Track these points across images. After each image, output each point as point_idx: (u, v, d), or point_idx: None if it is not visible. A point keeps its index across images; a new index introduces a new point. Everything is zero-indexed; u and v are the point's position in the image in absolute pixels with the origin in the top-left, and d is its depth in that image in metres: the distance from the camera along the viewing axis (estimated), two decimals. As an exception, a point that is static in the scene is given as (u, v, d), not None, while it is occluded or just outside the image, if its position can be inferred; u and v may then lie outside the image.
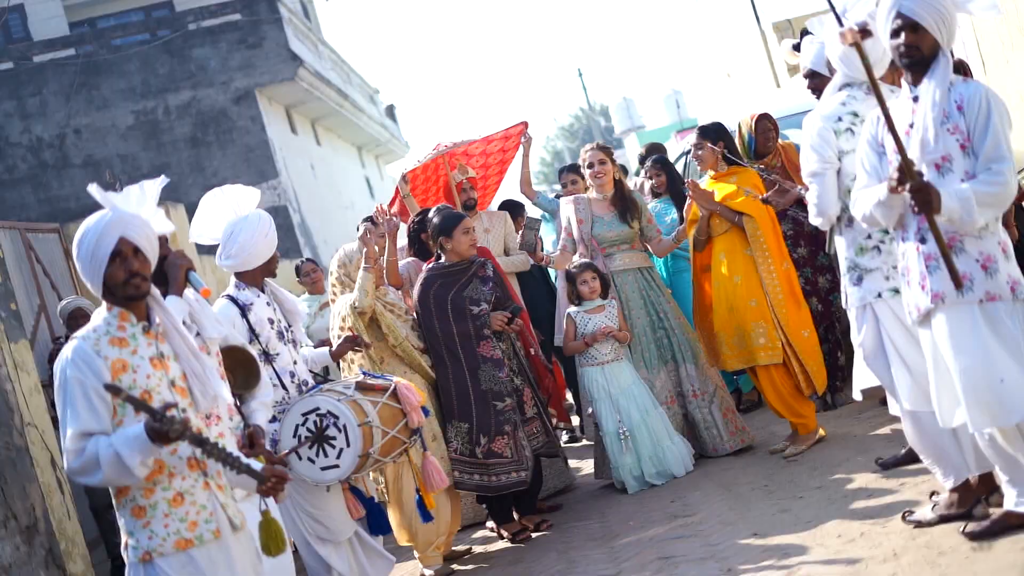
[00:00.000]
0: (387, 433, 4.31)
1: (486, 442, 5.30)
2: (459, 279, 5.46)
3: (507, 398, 5.35)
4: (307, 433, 4.21)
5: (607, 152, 6.09)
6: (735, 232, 5.61)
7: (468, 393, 5.34)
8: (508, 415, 5.34)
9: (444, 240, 5.45)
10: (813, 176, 4.05)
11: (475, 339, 5.38)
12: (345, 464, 4.18)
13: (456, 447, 5.32)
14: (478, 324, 5.38)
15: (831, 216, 4.11)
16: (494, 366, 5.36)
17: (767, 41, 15.96)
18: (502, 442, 5.32)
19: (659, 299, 6.02)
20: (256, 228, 4.46)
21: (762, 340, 5.53)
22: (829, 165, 4.04)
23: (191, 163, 15.89)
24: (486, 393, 5.33)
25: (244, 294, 4.54)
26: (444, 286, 5.43)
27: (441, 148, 7.23)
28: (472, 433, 5.32)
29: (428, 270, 5.53)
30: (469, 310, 5.40)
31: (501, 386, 5.35)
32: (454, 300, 5.40)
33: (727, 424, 5.88)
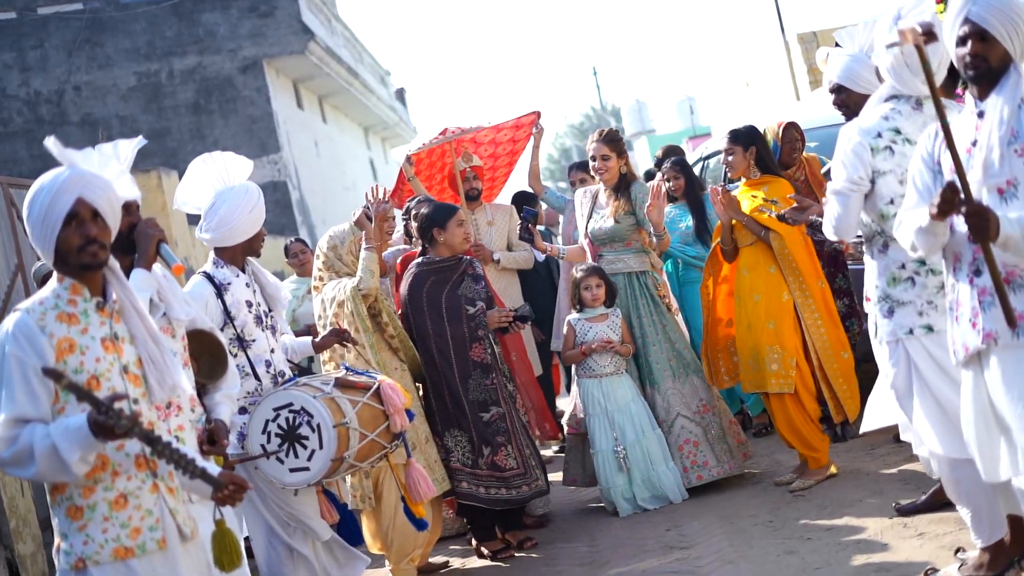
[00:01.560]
0: (365, 436, 3.93)
1: (489, 453, 4.97)
2: (451, 276, 5.10)
3: (492, 407, 4.99)
4: (277, 430, 3.83)
5: (612, 145, 5.60)
6: (760, 247, 5.23)
7: (461, 401, 4.99)
8: (497, 425, 4.99)
9: (437, 232, 5.08)
10: (836, 194, 3.69)
11: (468, 341, 5.02)
12: (316, 467, 3.80)
13: (458, 457, 4.97)
14: (472, 325, 5.03)
15: (848, 237, 3.82)
16: (483, 372, 5.01)
17: (790, 52, 15.67)
18: (502, 455, 4.97)
19: (649, 308, 5.54)
20: (240, 201, 4.08)
21: (775, 367, 5.16)
22: (856, 187, 3.68)
23: (191, 130, 15.49)
24: (474, 403, 4.99)
25: (222, 272, 4.16)
26: (437, 284, 5.06)
27: (449, 134, 6.87)
28: (473, 444, 4.98)
29: (417, 265, 5.15)
30: (465, 310, 5.04)
31: (487, 394, 5.00)
32: (449, 300, 5.04)
33: (715, 448, 5.46)
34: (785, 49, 15.93)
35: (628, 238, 5.58)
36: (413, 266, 5.14)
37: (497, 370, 5.05)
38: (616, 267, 5.62)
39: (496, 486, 4.96)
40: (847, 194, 3.67)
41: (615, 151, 5.60)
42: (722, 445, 5.45)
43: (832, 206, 3.70)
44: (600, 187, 5.74)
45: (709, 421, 5.46)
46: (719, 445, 5.44)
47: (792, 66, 15.71)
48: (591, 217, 5.72)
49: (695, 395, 5.50)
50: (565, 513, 5.65)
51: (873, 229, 3.76)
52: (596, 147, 5.62)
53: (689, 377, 5.51)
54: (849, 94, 4.27)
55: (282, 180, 15.92)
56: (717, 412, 5.51)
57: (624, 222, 5.54)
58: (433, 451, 5.00)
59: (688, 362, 5.54)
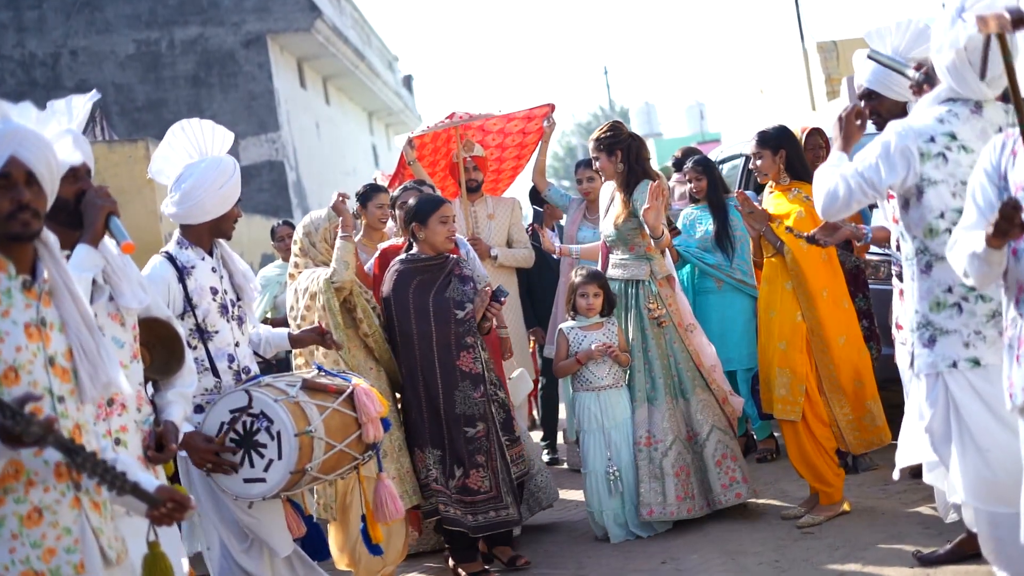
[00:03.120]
0: (332, 447, 3.50)
1: (460, 475, 4.54)
2: (437, 277, 4.66)
3: (479, 423, 4.56)
4: (233, 435, 3.40)
5: (603, 145, 5.08)
6: (780, 260, 4.81)
7: (439, 414, 4.56)
8: (480, 443, 4.56)
9: (417, 228, 4.66)
10: (846, 181, 3.27)
11: (455, 349, 4.59)
12: (273, 479, 3.37)
13: (435, 476, 4.56)
14: (461, 331, 4.59)
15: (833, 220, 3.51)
16: (472, 384, 4.57)
17: (808, 60, 15.28)
18: (478, 476, 4.54)
19: (637, 323, 5.03)
20: (209, 175, 3.65)
21: (782, 391, 4.75)
22: (873, 193, 3.30)
23: (189, 103, 15.02)
24: (459, 418, 4.55)
25: (186, 254, 3.72)
26: (423, 284, 4.63)
27: (456, 118, 6.45)
28: (445, 463, 4.55)
29: (401, 262, 4.70)
30: (453, 314, 4.61)
31: (474, 409, 4.57)
32: (436, 302, 4.60)
33: (719, 475, 4.96)
34: (803, 57, 15.51)
35: (630, 242, 5.08)
36: (397, 263, 4.70)
37: (485, 382, 4.62)
38: (616, 273, 5.16)
39: (463, 510, 4.54)
40: (857, 193, 3.27)
41: (604, 151, 5.10)
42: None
43: (833, 185, 3.29)
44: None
45: (698, 448, 4.98)
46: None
47: (810, 75, 15.31)
48: (606, 216, 5.25)
49: (683, 419, 5.00)
50: (552, 536, 5.21)
51: (916, 246, 3.33)
52: (590, 148, 5.27)
53: (679, 400, 5.00)
54: (881, 100, 3.88)
55: (279, 160, 15.48)
56: (699, 442, 4.98)
57: (624, 226, 5.05)
58: (407, 461, 4.60)
59: (679, 384, 5.00)
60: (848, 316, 4.83)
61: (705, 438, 4.97)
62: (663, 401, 4.97)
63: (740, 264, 5.92)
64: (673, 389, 5.00)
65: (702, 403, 5.00)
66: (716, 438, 4.97)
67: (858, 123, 3.50)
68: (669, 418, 4.96)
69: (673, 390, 5.00)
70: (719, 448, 4.96)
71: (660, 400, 4.97)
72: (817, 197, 3.34)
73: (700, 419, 4.98)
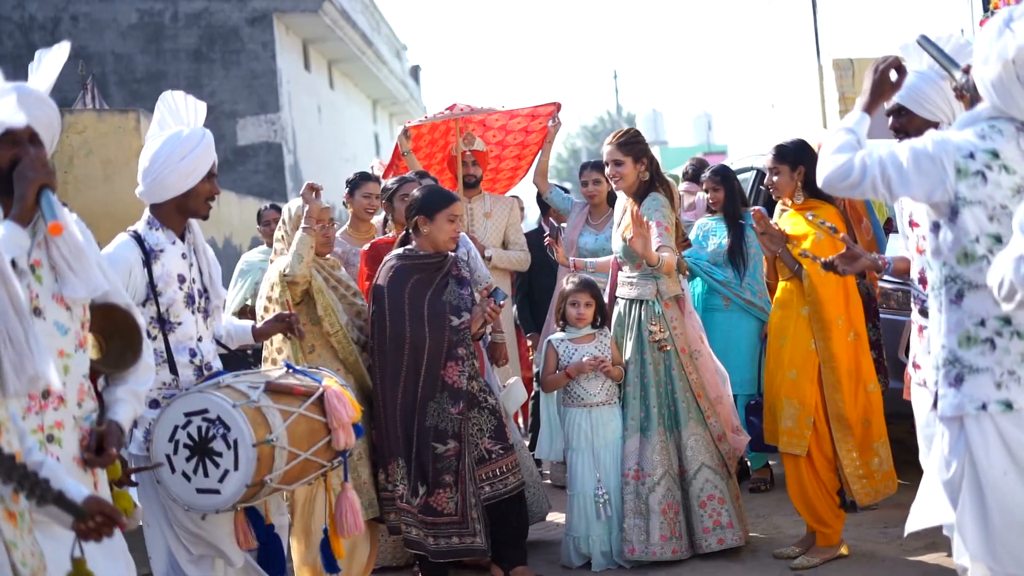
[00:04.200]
0: (296, 456, 3.19)
1: (424, 493, 4.22)
2: (435, 277, 4.34)
3: (451, 441, 4.23)
4: (187, 440, 3.10)
5: (627, 149, 4.72)
6: (796, 283, 4.51)
7: (412, 426, 4.25)
8: (449, 462, 4.22)
9: (422, 221, 4.32)
10: (881, 171, 2.82)
11: (443, 358, 4.27)
12: (228, 491, 3.06)
13: (402, 492, 4.25)
14: (454, 339, 4.27)
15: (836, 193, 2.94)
16: (451, 398, 4.25)
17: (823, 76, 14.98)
18: (442, 496, 4.21)
19: (636, 345, 4.69)
20: (167, 148, 3.33)
21: (788, 423, 4.44)
22: (889, 193, 2.84)
23: (189, 77, 14.66)
24: (429, 431, 4.23)
25: (155, 236, 3.40)
26: (421, 284, 4.31)
27: (457, 110, 6.15)
28: (410, 478, 4.24)
29: (398, 257, 4.38)
30: (449, 320, 4.29)
31: (448, 424, 4.23)
32: (433, 304, 4.28)
33: (702, 517, 4.64)
34: (818, 73, 15.21)
35: (637, 260, 4.68)
36: (393, 257, 4.37)
37: (465, 399, 4.28)
38: (623, 291, 4.81)
39: (425, 531, 4.22)
40: (870, 182, 2.81)
41: (631, 155, 4.75)
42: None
43: (848, 161, 2.82)
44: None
45: (686, 485, 4.65)
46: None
47: (823, 91, 15.01)
48: (617, 228, 4.91)
49: (675, 453, 4.66)
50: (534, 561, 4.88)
51: (946, 273, 2.99)
52: (609, 151, 4.80)
53: (671, 432, 4.68)
54: (911, 118, 3.55)
55: (277, 142, 15.13)
56: (687, 479, 4.66)
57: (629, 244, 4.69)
58: (366, 472, 4.33)
59: (673, 415, 4.67)
60: (862, 348, 4.53)
61: (692, 475, 4.64)
62: (655, 432, 4.64)
63: (751, 283, 5.61)
64: (667, 420, 4.67)
65: (694, 438, 4.67)
66: (704, 477, 4.64)
67: (894, 79, 2.99)
68: (660, 451, 4.63)
69: (667, 421, 4.67)
70: (706, 488, 4.63)
71: (652, 431, 4.65)
72: (824, 163, 2.88)
73: (690, 455, 4.66)
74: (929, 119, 3.56)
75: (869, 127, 3.10)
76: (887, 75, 3.00)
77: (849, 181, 2.86)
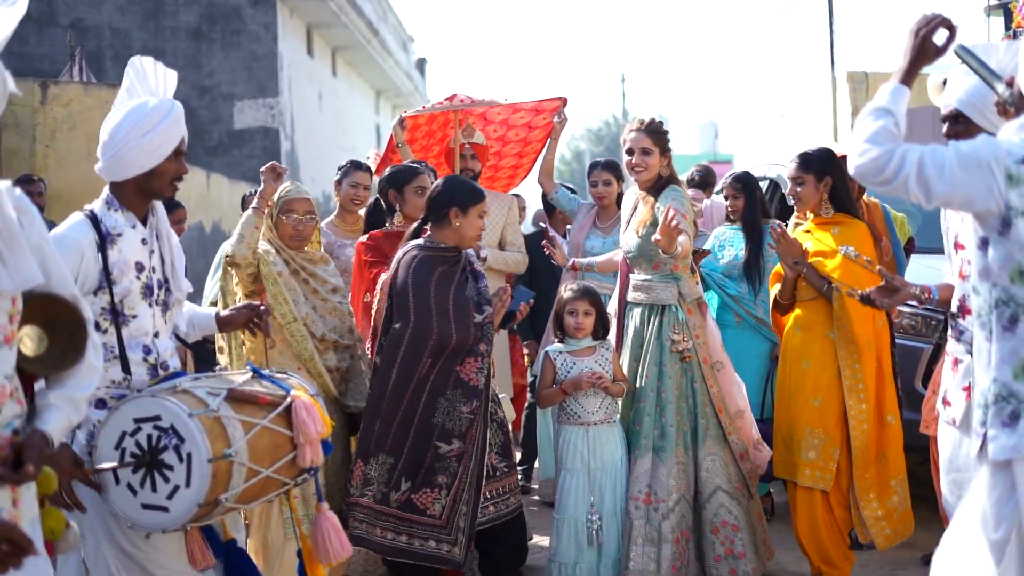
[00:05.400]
0: (257, 473, 2.85)
1: (407, 489, 3.86)
2: (455, 271, 4.00)
3: (456, 441, 3.87)
4: (135, 449, 2.76)
5: (656, 138, 4.40)
6: (821, 303, 4.17)
7: (412, 422, 3.88)
8: (449, 463, 3.87)
9: (455, 214, 3.99)
10: (919, 169, 2.47)
11: (463, 354, 3.92)
12: (177, 510, 2.72)
13: (373, 493, 3.89)
14: (477, 335, 3.93)
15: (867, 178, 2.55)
16: (463, 395, 3.90)
17: (836, 89, 14.72)
18: (429, 495, 3.86)
19: (657, 356, 4.34)
20: (133, 120, 2.98)
21: (811, 454, 4.10)
22: (926, 195, 2.50)
23: (187, 56, 14.33)
24: (433, 428, 3.87)
25: (113, 218, 3.04)
26: (444, 277, 3.97)
27: (457, 101, 5.81)
28: (394, 472, 3.88)
29: (420, 248, 4.00)
30: (472, 316, 3.95)
31: (457, 424, 3.88)
32: (458, 299, 3.94)
33: (714, 544, 4.29)
34: (832, 85, 14.94)
35: (655, 259, 4.34)
36: (413, 248, 4.00)
37: (480, 399, 3.94)
38: (637, 296, 4.45)
39: (396, 529, 3.86)
40: (904, 179, 2.48)
41: (658, 146, 4.41)
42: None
43: (885, 154, 2.49)
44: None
45: (698, 509, 4.31)
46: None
47: (836, 104, 14.73)
48: (628, 227, 4.55)
49: (691, 475, 4.31)
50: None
51: (997, 295, 2.64)
52: (635, 138, 4.42)
53: (689, 452, 4.33)
54: (968, 126, 3.17)
55: (274, 127, 14.79)
56: (700, 502, 4.33)
57: (647, 239, 4.33)
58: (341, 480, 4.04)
59: (692, 433, 4.33)
60: (885, 377, 4.20)
61: (706, 499, 4.29)
62: (671, 453, 4.28)
63: (765, 300, 5.28)
64: (686, 439, 4.31)
65: (711, 458, 4.32)
66: (719, 502, 4.29)
67: (941, 43, 2.59)
68: (677, 474, 4.26)
69: (685, 440, 4.31)
70: (720, 513, 4.27)
71: (668, 452, 4.28)
72: (856, 150, 2.54)
73: (705, 477, 4.30)
74: (990, 130, 3.20)
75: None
76: (930, 37, 2.61)
77: (883, 176, 2.51)
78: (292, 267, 4.06)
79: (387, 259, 4.37)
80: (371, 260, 4.52)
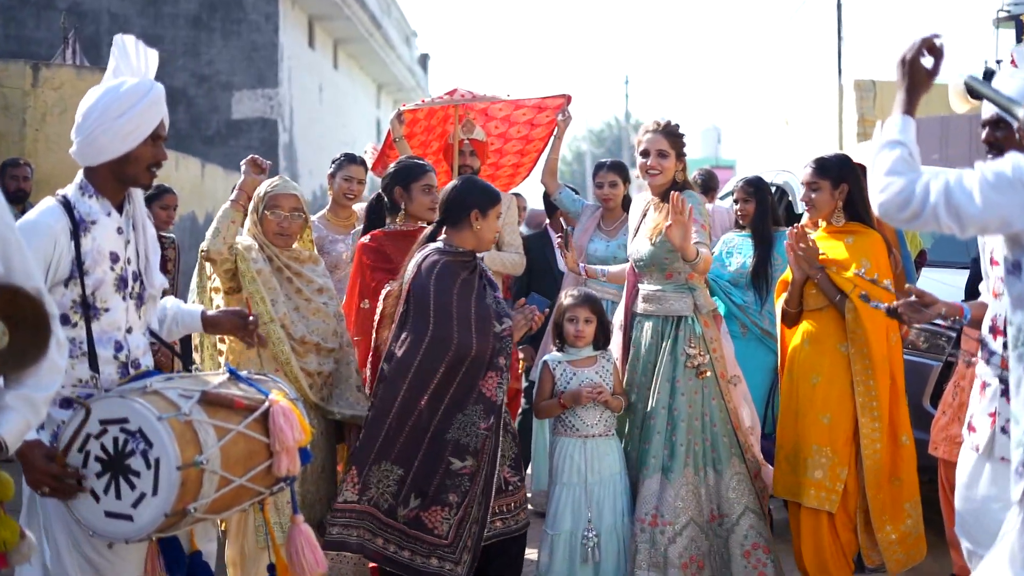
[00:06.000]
0: (229, 482, 2.67)
1: (416, 506, 3.65)
2: (474, 279, 3.81)
3: (469, 459, 3.67)
4: (100, 453, 2.57)
5: (673, 140, 4.22)
6: (831, 315, 3.99)
7: (425, 434, 3.67)
8: (461, 480, 3.66)
9: (475, 216, 3.81)
10: (948, 198, 2.29)
11: (484, 367, 3.71)
12: (142, 520, 2.54)
13: (372, 496, 3.68)
14: (497, 347, 3.73)
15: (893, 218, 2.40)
16: (483, 411, 3.69)
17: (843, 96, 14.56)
18: (438, 514, 3.65)
19: (670, 371, 4.14)
20: (107, 101, 2.81)
21: (818, 474, 3.92)
22: (959, 223, 2.32)
23: (186, 44, 14.12)
24: (448, 443, 3.66)
25: (88, 204, 2.86)
26: (466, 285, 3.77)
27: (458, 96, 5.63)
28: (403, 486, 3.67)
29: (442, 252, 3.79)
30: (493, 327, 3.75)
31: (473, 440, 3.67)
32: (479, 308, 3.74)
33: (746, 569, 4.08)
34: (838, 93, 14.78)
35: (668, 268, 4.17)
36: (434, 252, 3.78)
37: (497, 415, 3.73)
38: (648, 307, 4.25)
39: (399, 543, 3.66)
40: (932, 212, 2.31)
41: (675, 149, 4.21)
42: None
43: (907, 187, 2.32)
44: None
45: (724, 533, 4.10)
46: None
47: (842, 111, 14.56)
48: (637, 233, 4.36)
49: (708, 497, 4.12)
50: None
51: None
52: (652, 139, 4.21)
53: (706, 473, 4.13)
54: (1008, 134, 2.97)
55: (273, 118, 14.59)
56: (727, 525, 4.11)
57: (662, 246, 4.14)
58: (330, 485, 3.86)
59: (709, 453, 4.12)
60: (898, 394, 4.02)
61: (735, 521, 4.06)
62: (680, 474, 4.07)
63: (772, 312, 5.09)
64: (699, 459, 4.09)
65: (738, 477, 4.11)
66: (748, 523, 4.06)
67: (930, 66, 2.46)
68: (685, 495, 4.06)
69: (698, 460, 4.09)
70: (750, 536, 4.04)
71: (676, 472, 4.07)
72: (877, 186, 2.38)
73: (733, 497, 4.08)
74: None
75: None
76: (918, 63, 2.46)
77: (910, 210, 2.33)
78: (275, 265, 3.87)
79: (390, 263, 4.17)
80: (372, 264, 4.26)
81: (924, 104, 2.86)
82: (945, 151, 11.19)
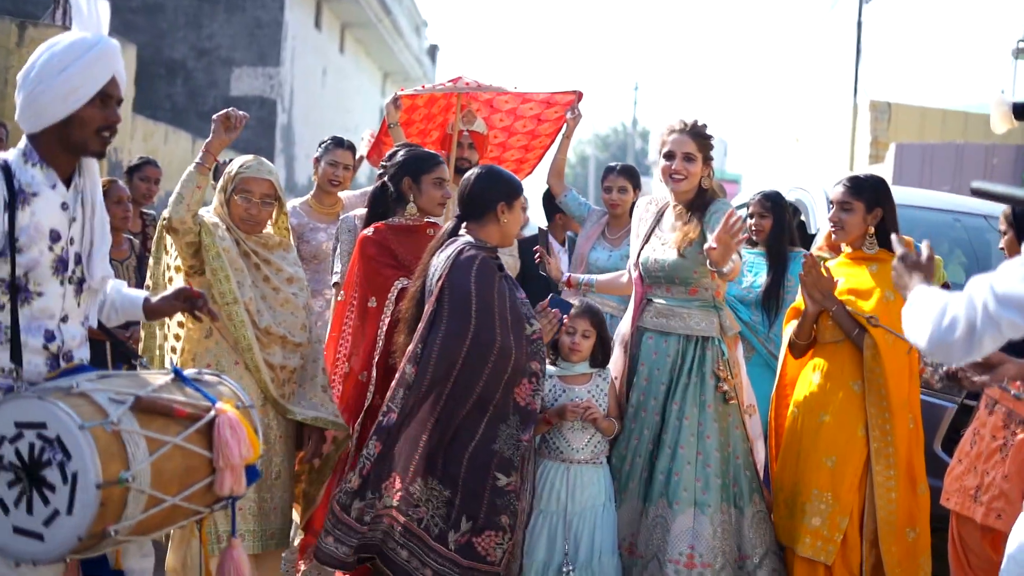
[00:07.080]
0: (160, 501, 2.33)
1: (468, 530, 3.26)
2: (502, 277, 3.47)
3: (513, 473, 3.32)
4: (14, 459, 2.23)
5: (700, 143, 3.86)
6: (847, 350, 3.66)
7: (466, 447, 3.31)
8: (509, 499, 3.30)
9: (502, 209, 3.48)
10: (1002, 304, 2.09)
11: (518, 373, 3.37)
12: (53, 541, 2.20)
13: (423, 518, 3.28)
14: (530, 351, 3.39)
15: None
16: (522, 421, 3.35)
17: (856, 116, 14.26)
18: (492, 539, 3.26)
19: (697, 396, 3.78)
20: (47, 58, 2.49)
21: (816, 521, 3.58)
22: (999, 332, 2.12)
23: (187, 16, 13.75)
24: (493, 455, 3.30)
25: (30, 173, 2.52)
26: (503, 283, 3.45)
27: (461, 83, 5.28)
28: (452, 509, 3.28)
29: (478, 248, 3.44)
30: (525, 329, 3.41)
31: (515, 452, 3.33)
32: (514, 309, 3.41)
33: None
34: (852, 112, 14.50)
35: (694, 282, 3.84)
36: (468, 247, 3.42)
37: (533, 424, 3.42)
38: (668, 323, 3.87)
39: (448, 569, 3.26)
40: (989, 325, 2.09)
41: (702, 152, 3.86)
42: None
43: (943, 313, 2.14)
44: (669, 201, 4.03)
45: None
46: None
47: (855, 131, 14.28)
48: (648, 241, 3.99)
49: (735, 535, 3.76)
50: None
51: None
52: (678, 141, 3.85)
53: (732, 509, 3.76)
54: None
55: (272, 98, 14.24)
56: (748, 568, 3.75)
57: (691, 257, 3.81)
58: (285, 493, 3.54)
59: (734, 487, 3.77)
60: (917, 440, 3.69)
61: (757, 564, 3.71)
62: (716, 509, 3.69)
63: (779, 335, 4.75)
64: (727, 492, 3.74)
65: (758, 516, 3.76)
66: (771, 566, 3.71)
67: (924, 260, 2.40)
68: (722, 534, 3.69)
69: (727, 494, 3.74)
70: None
71: (713, 507, 3.69)
72: (917, 332, 2.20)
73: (753, 537, 3.73)
74: None
75: None
76: (914, 261, 2.40)
77: (958, 339, 2.12)
78: (242, 249, 3.53)
79: (397, 259, 3.81)
80: (380, 259, 3.87)
81: (939, 131, 2.56)
82: (958, 180, 10.91)
